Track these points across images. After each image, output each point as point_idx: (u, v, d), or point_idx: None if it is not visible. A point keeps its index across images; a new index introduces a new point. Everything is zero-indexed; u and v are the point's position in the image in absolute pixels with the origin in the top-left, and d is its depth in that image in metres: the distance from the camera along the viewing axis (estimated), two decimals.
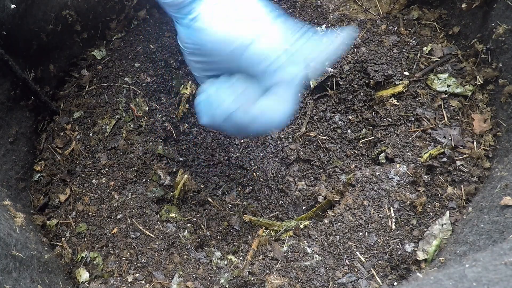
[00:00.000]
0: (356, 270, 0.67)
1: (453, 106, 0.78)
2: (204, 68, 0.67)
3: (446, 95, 0.79)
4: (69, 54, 0.88)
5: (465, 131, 0.75)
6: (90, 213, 0.75)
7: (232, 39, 0.59)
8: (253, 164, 0.87)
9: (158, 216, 0.76)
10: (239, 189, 0.85)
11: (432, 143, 0.75)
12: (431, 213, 0.69)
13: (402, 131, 0.79)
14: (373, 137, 0.83)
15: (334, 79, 0.88)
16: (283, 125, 0.64)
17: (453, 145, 0.73)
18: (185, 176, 0.78)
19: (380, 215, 0.71)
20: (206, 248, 0.74)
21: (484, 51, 0.76)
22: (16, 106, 0.78)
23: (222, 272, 0.68)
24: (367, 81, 0.86)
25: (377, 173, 0.75)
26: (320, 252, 0.69)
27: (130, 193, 0.77)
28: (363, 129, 0.86)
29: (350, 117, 0.87)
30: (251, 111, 0.62)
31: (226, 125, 0.65)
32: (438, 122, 0.77)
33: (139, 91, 0.87)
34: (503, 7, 0.72)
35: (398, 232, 0.69)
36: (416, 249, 0.67)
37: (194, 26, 0.61)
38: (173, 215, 0.76)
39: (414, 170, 0.73)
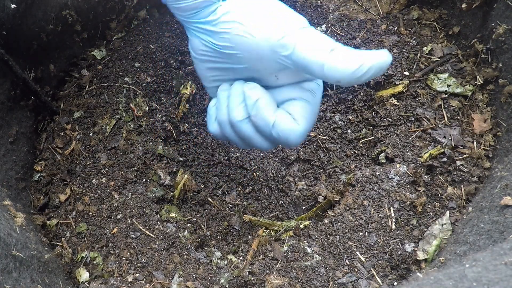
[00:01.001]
0: (356, 270, 0.67)
1: (453, 106, 0.78)
2: (218, 77, 0.63)
3: (446, 95, 0.79)
4: (69, 54, 0.88)
5: (465, 131, 0.75)
6: (90, 213, 0.75)
7: (270, 40, 0.53)
8: (253, 164, 0.87)
9: (158, 216, 0.76)
10: (239, 189, 0.85)
11: (432, 143, 0.75)
12: (431, 213, 0.69)
13: (402, 131, 0.79)
14: (373, 137, 0.83)
15: None
16: (296, 144, 0.57)
17: (453, 145, 0.73)
18: (185, 176, 0.78)
19: (380, 215, 0.71)
20: (206, 248, 0.74)
21: (484, 51, 0.76)
22: (16, 106, 0.78)
23: (222, 272, 0.68)
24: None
25: (377, 173, 0.75)
26: (320, 252, 0.69)
27: (130, 193, 0.77)
28: (363, 129, 0.86)
29: (350, 117, 0.87)
30: (261, 124, 0.57)
31: (233, 134, 0.61)
32: (438, 122, 0.77)
33: (139, 91, 0.87)
34: (503, 7, 0.72)
35: (398, 232, 0.69)
36: (416, 249, 0.67)
37: (217, 28, 0.56)
38: (173, 215, 0.76)
39: (414, 170, 0.73)
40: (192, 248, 0.72)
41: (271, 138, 0.59)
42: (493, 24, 0.74)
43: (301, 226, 0.74)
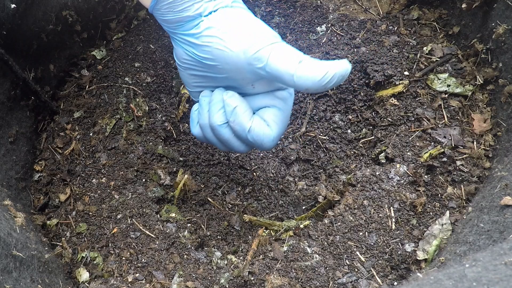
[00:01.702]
0: (356, 270, 0.67)
1: (453, 106, 0.78)
2: (200, 83, 0.67)
3: (446, 95, 0.79)
4: (69, 54, 0.88)
5: (465, 131, 0.75)
6: (90, 213, 0.75)
7: (246, 54, 0.58)
8: (253, 164, 0.87)
9: (158, 216, 0.76)
10: (239, 189, 0.85)
11: (432, 143, 0.75)
12: (431, 213, 0.69)
13: (402, 131, 0.79)
14: (373, 137, 0.83)
15: None
16: (269, 147, 0.64)
17: (453, 145, 0.73)
18: (185, 176, 0.78)
19: (380, 215, 0.71)
20: (206, 248, 0.74)
21: (484, 51, 0.76)
22: (17, 106, 0.78)
23: (222, 272, 0.68)
24: (367, 81, 0.86)
25: (377, 173, 0.75)
26: (320, 252, 0.69)
27: (130, 193, 0.77)
28: (363, 129, 0.86)
29: (350, 117, 0.87)
30: (238, 129, 0.62)
31: (213, 137, 0.66)
32: (438, 122, 0.77)
33: (139, 91, 0.87)
34: (503, 7, 0.72)
35: (398, 232, 0.69)
36: (416, 249, 0.67)
37: (199, 41, 0.60)
38: (173, 215, 0.76)
39: (414, 170, 0.73)
40: (192, 248, 0.72)
41: (247, 142, 0.64)
42: (493, 24, 0.74)
43: (301, 226, 0.74)
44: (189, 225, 0.76)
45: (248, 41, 0.58)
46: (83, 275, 0.68)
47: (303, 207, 0.82)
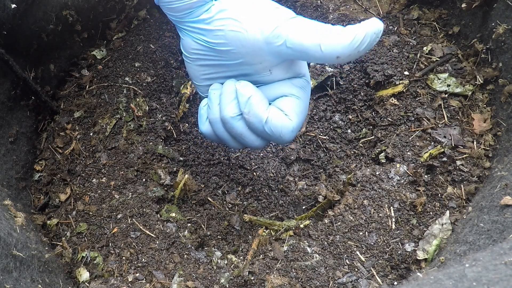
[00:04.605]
0: (356, 269, 0.67)
1: (453, 106, 0.78)
2: (210, 75, 0.63)
3: (446, 95, 0.79)
4: (70, 53, 0.88)
5: (465, 131, 0.75)
6: (91, 213, 0.75)
7: (264, 33, 0.54)
8: (253, 163, 0.87)
9: (159, 215, 0.76)
10: (239, 188, 0.85)
11: (432, 143, 0.75)
12: (431, 213, 0.69)
13: (402, 130, 0.79)
14: (373, 136, 0.83)
15: (334, 78, 0.88)
16: (288, 139, 0.59)
17: (453, 145, 0.73)
18: (186, 175, 0.78)
19: (380, 214, 0.71)
20: (206, 248, 0.74)
21: (484, 51, 0.76)
22: (17, 105, 0.78)
23: (222, 271, 0.68)
24: (367, 81, 0.86)
25: (377, 173, 0.75)
26: (320, 252, 0.69)
27: (130, 193, 0.77)
28: (363, 129, 0.86)
29: (350, 116, 0.87)
30: (254, 120, 0.58)
31: (225, 133, 0.62)
32: (438, 121, 0.77)
33: (140, 91, 0.87)
34: (503, 7, 0.72)
35: (398, 231, 0.69)
36: (416, 248, 0.67)
37: (211, 26, 0.57)
38: (174, 214, 0.76)
39: (414, 170, 0.73)
40: (192, 247, 0.72)
41: (264, 135, 0.60)
42: (493, 24, 0.74)
43: (301, 225, 0.74)
44: (189, 225, 0.76)
45: (264, 20, 0.54)
46: (83, 275, 0.68)
47: (303, 207, 0.82)
